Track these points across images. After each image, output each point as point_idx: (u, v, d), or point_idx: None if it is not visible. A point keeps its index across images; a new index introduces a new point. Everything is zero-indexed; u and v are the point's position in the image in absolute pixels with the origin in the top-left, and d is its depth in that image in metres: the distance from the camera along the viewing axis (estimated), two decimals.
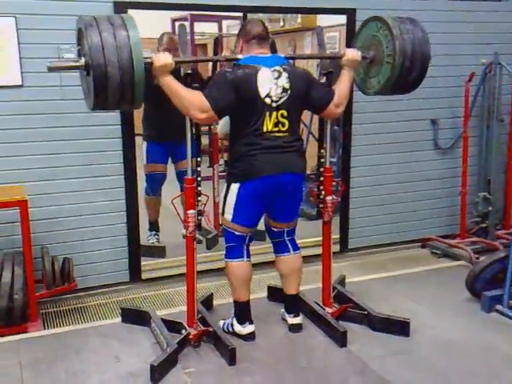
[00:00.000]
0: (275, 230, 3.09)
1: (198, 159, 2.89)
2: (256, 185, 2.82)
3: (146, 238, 4.26)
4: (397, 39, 2.91)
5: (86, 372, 2.75)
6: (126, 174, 3.58)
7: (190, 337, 2.94)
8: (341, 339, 2.97)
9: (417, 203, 4.52)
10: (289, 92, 2.79)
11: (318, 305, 3.22)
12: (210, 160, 4.66)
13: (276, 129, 2.80)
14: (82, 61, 2.45)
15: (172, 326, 3.04)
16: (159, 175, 4.36)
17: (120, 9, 3.30)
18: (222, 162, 6.81)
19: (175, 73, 2.69)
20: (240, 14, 3.88)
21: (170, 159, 4.41)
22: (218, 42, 4.51)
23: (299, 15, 5.43)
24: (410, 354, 2.93)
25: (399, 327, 3.07)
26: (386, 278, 2.65)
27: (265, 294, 3.56)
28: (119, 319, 3.27)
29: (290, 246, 3.10)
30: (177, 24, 5.41)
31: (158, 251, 4.10)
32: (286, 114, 2.81)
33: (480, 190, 4.59)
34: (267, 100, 2.76)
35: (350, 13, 4.00)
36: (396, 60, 2.92)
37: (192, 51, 5.63)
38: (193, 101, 2.68)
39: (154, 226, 4.42)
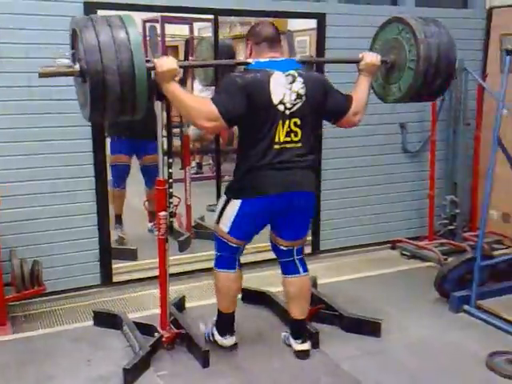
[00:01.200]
0: (283, 248, 2.83)
1: (170, 160, 2.89)
2: (261, 202, 2.61)
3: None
4: (421, 43, 2.70)
5: (56, 376, 2.71)
6: (96, 176, 3.54)
7: (163, 339, 2.92)
8: (313, 340, 2.99)
9: (386, 206, 4.59)
10: (303, 98, 2.58)
11: None
12: (181, 162, 4.66)
13: (288, 139, 2.57)
14: (77, 66, 2.26)
15: (144, 328, 3.02)
16: (123, 166, 4.41)
17: (90, 9, 3.27)
18: (193, 164, 6.82)
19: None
20: (211, 17, 3.86)
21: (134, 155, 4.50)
22: (188, 44, 4.50)
23: (272, 19, 5.44)
24: (381, 354, 2.97)
25: (370, 328, 3.11)
26: (357, 280, 2.69)
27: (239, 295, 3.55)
28: (91, 322, 3.24)
29: (299, 266, 2.85)
30: (148, 25, 5.40)
31: (130, 254, 4.06)
32: (299, 122, 2.58)
33: (447, 192, 4.68)
34: (280, 107, 2.54)
35: (320, 17, 4.05)
36: (420, 66, 2.71)
37: (163, 53, 5.60)
38: (201, 109, 2.47)
39: (118, 219, 4.45)
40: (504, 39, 4.38)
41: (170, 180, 2.89)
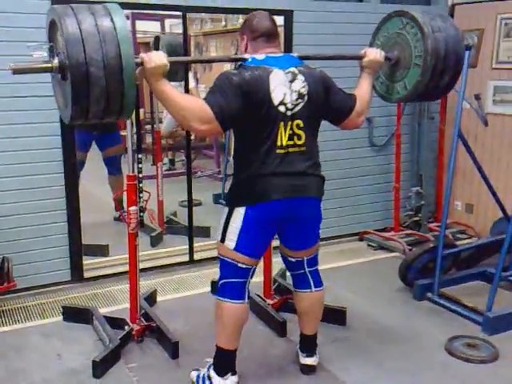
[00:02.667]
0: (293, 260, 2.63)
1: (139, 156, 2.92)
2: (267, 209, 2.37)
3: None
4: (428, 38, 2.55)
5: (27, 370, 2.75)
6: (65, 172, 3.55)
7: (133, 332, 2.97)
8: (281, 329, 3.08)
9: (354, 198, 4.69)
10: (306, 98, 2.37)
11: (260, 297, 3.32)
12: (153, 158, 4.69)
13: (291, 142, 2.36)
14: (56, 61, 2.04)
15: (115, 322, 3.06)
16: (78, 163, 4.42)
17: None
18: (166, 160, 6.85)
19: None
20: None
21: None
22: (158, 40, 4.52)
23: (240, 15, 5.50)
24: (346, 341, 3.07)
25: (336, 316, 3.20)
26: (325, 270, 2.76)
27: (208, 288, 3.62)
28: (61, 318, 3.27)
29: (311, 280, 2.66)
30: None
31: (101, 250, 4.08)
32: (302, 124, 2.37)
33: (413, 184, 4.82)
34: (281, 108, 2.32)
35: (288, 14, 4.11)
36: (427, 62, 2.57)
37: (134, 50, 5.61)
38: (193, 111, 2.24)
39: None
40: (465, 35, 4.49)
41: (140, 175, 2.90)
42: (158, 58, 2.19)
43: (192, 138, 6.23)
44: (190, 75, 4.30)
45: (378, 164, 4.75)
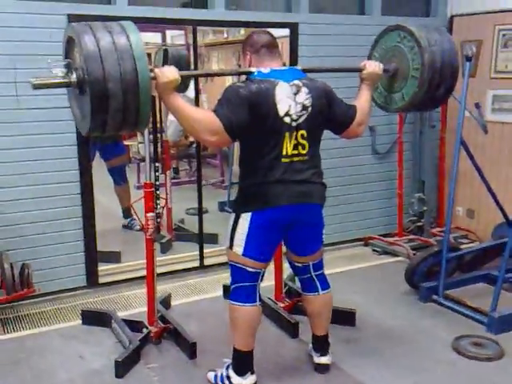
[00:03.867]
0: (299, 265, 2.75)
1: (157, 164, 3.03)
2: (272, 215, 2.47)
3: None
4: (425, 51, 2.66)
5: (51, 371, 2.85)
6: (81, 181, 3.67)
7: (151, 334, 3.08)
8: (293, 330, 3.20)
9: (358, 205, 4.80)
10: (309, 110, 2.48)
11: (271, 300, 3.42)
12: (162, 167, 4.79)
13: (295, 151, 2.46)
14: (74, 77, 2.15)
15: (133, 325, 3.16)
16: None
17: (72, 22, 3.40)
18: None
19: None
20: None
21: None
22: (167, 53, 4.64)
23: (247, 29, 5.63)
24: (356, 341, 3.18)
25: (346, 317, 3.31)
26: (332, 274, 2.87)
27: (221, 292, 3.72)
28: (79, 322, 3.37)
29: (318, 283, 2.76)
30: None
31: (114, 256, 4.19)
32: (306, 134, 2.48)
33: (415, 191, 4.94)
34: (286, 119, 2.43)
35: (293, 26, 4.25)
36: (424, 74, 2.68)
37: None
38: (203, 122, 2.34)
39: None
40: (464, 46, 4.64)
41: (157, 182, 3.01)
42: (170, 73, 2.27)
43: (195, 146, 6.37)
44: (192, 86, 4.43)
45: (380, 171, 4.87)
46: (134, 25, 2.19)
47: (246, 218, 2.49)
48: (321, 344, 2.87)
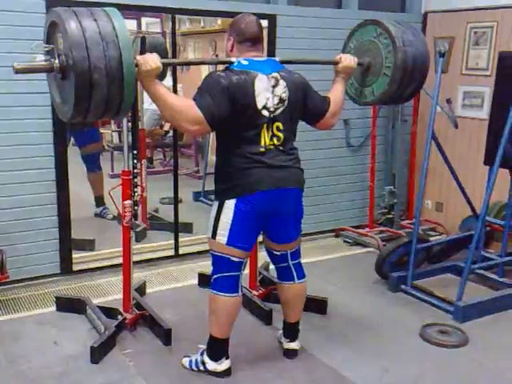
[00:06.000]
0: (277, 253, 2.79)
1: (134, 152, 3.04)
2: (255, 199, 2.50)
3: None
4: (399, 52, 2.73)
5: (26, 356, 2.86)
6: (57, 167, 3.65)
7: (127, 321, 3.10)
8: (266, 318, 3.27)
9: (331, 196, 4.89)
10: (286, 103, 2.53)
11: (246, 288, 3.48)
12: (137, 155, 4.79)
13: (271, 142, 2.52)
14: (57, 62, 2.14)
15: (108, 312, 3.19)
16: None
17: (51, 6, 3.37)
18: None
19: None
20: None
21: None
22: (144, 41, 4.63)
23: (223, 19, 5.65)
24: (326, 328, 3.27)
25: (318, 306, 3.41)
26: (305, 264, 2.93)
27: (196, 281, 3.78)
28: (53, 308, 3.38)
29: (294, 272, 2.83)
30: None
31: (88, 244, 4.19)
32: (281, 126, 2.54)
33: (386, 184, 5.06)
34: (264, 112, 2.48)
35: (271, 18, 4.29)
36: (395, 74, 2.76)
37: None
38: (184, 111, 2.36)
39: None
40: (437, 42, 4.75)
41: (135, 170, 3.03)
42: (152, 61, 2.28)
43: (170, 135, 6.38)
44: (169, 74, 4.43)
45: (354, 164, 4.96)
46: (118, 12, 2.19)
47: (230, 206, 2.51)
48: (291, 331, 2.94)
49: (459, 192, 3.89)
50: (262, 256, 3.17)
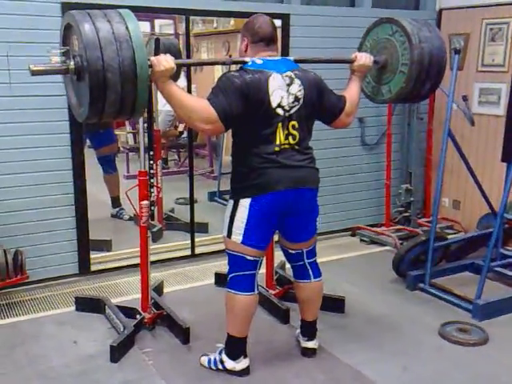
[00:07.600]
0: (293, 252, 2.80)
1: (151, 153, 3.07)
2: (271, 199, 2.51)
3: None
4: (415, 49, 2.72)
5: (46, 356, 2.89)
6: (74, 169, 3.68)
7: (145, 320, 3.12)
8: (284, 317, 3.27)
9: (346, 195, 4.87)
10: (301, 101, 2.53)
11: (263, 287, 3.48)
12: (152, 156, 4.82)
13: (286, 141, 2.52)
14: (72, 63, 2.18)
15: (126, 311, 3.20)
16: None
17: (66, 10, 3.41)
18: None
19: None
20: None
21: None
22: (158, 43, 4.65)
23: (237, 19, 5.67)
24: (344, 327, 3.26)
25: (335, 304, 3.39)
26: (322, 263, 2.93)
27: (212, 280, 3.80)
28: (73, 308, 3.41)
29: (310, 271, 2.83)
30: None
31: (105, 245, 4.22)
32: (297, 125, 2.53)
33: (402, 182, 5.03)
34: (279, 110, 2.48)
35: (285, 18, 4.29)
36: (413, 71, 2.75)
37: None
38: (198, 111, 2.38)
39: None
40: (452, 39, 4.73)
41: (151, 171, 3.05)
42: (166, 62, 2.31)
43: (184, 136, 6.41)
44: (182, 75, 4.46)
45: (369, 162, 4.94)
46: (132, 14, 2.22)
47: (245, 205, 2.52)
48: (309, 329, 2.93)
49: (476, 189, 3.86)
50: (279, 255, 3.16)
